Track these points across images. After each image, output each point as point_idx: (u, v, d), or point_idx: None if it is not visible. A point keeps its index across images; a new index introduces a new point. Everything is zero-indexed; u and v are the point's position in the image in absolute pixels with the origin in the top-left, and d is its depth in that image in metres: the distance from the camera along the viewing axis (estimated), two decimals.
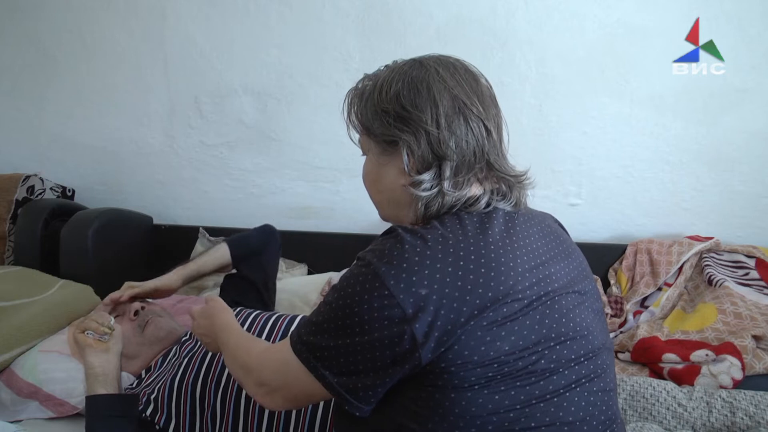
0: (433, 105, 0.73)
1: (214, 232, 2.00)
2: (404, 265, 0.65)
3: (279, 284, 1.71)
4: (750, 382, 1.25)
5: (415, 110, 0.73)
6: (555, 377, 0.67)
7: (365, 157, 0.83)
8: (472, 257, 0.67)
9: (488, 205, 0.74)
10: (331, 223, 2.00)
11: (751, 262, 1.60)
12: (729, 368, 1.25)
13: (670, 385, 1.17)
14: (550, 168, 1.79)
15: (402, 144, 0.74)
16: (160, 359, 1.20)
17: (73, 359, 1.26)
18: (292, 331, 0.74)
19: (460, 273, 0.65)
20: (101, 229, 1.79)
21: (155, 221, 2.06)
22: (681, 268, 1.66)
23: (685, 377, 1.27)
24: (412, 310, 0.63)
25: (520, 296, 0.67)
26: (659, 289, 1.66)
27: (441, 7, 1.75)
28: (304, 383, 0.71)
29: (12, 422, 1.19)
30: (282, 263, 1.90)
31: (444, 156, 0.72)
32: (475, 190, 0.75)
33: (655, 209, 1.81)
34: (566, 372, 0.68)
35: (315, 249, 1.95)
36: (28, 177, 1.95)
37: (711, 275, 1.60)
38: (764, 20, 1.61)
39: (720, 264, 1.65)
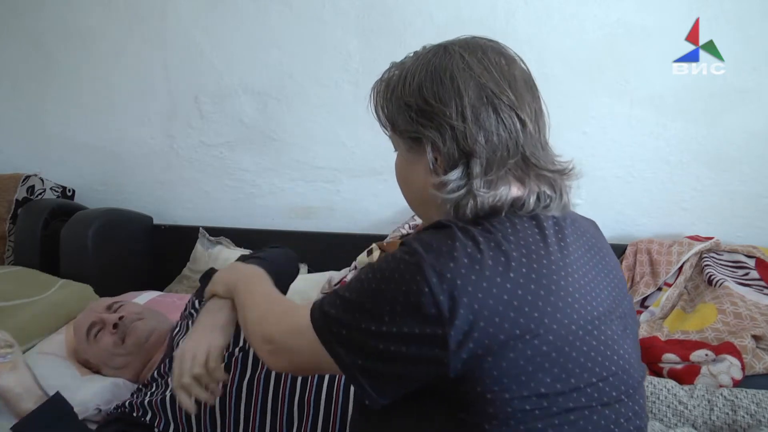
0: (458, 96, 0.66)
1: (214, 232, 2.00)
2: (451, 265, 0.59)
3: None
4: (750, 381, 1.25)
5: (438, 103, 0.66)
6: (595, 417, 0.61)
7: (396, 152, 0.77)
8: (523, 270, 0.61)
9: (534, 209, 0.67)
10: (331, 223, 2.00)
11: (751, 262, 1.60)
12: (729, 368, 1.25)
13: (671, 383, 1.16)
14: None
15: (426, 141, 0.68)
16: (167, 363, 1.15)
17: (69, 363, 1.27)
18: (315, 300, 0.70)
19: (509, 286, 0.59)
20: (101, 229, 1.79)
21: (155, 221, 2.07)
22: (681, 268, 1.66)
23: (684, 377, 1.26)
24: (449, 314, 0.57)
25: (566, 321, 0.61)
26: (659, 289, 1.66)
27: (441, 7, 1.75)
28: (314, 353, 0.66)
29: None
30: None
31: (472, 152, 0.65)
32: (515, 191, 0.68)
33: (655, 209, 1.81)
34: (606, 412, 0.62)
35: (315, 249, 1.95)
36: (28, 177, 1.95)
37: (711, 275, 1.60)
38: (764, 20, 1.61)
39: (720, 264, 1.65)
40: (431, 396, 0.62)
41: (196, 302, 1.24)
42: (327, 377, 1.00)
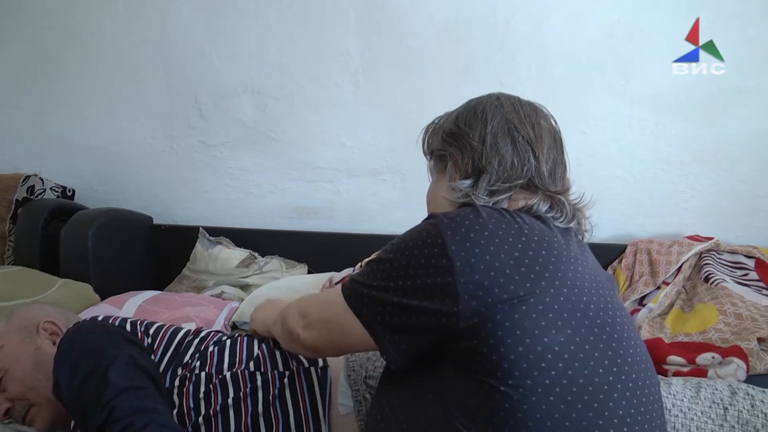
0: (483, 124, 0.78)
1: (214, 232, 2.00)
2: (466, 222, 0.66)
3: (279, 282, 1.71)
4: (750, 381, 1.25)
5: (466, 127, 0.79)
6: (615, 395, 0.62)
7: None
8: (536, 238, 0.66)
9: (544, 214, 0.74)
10: (331, 223, 2.00)
11: (751, 263, 1.60)
12: (735, 371, 1.24)
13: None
14: None
15: (450, 157, 0.81)
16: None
17: None
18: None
19: (520, 246, 0.64)
20: (101, 229, 1.78)
21: (155, 221, 2.06)
22: (680, 267, 1.66)
23: None
24: (460, 264, 0.62)
25: (576, 290, 0.65)
26: (658, 288, 1.66)
27: (441, 7, 1.75)
28: (342, 320, 0.72)
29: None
30: (282, 263, 1.91)
31: (483, 170, 0.76)
32: (523, 201, 0.75)
33: (655, 209, 1.81)
34: (628, 394, 0.64)
35: (315, 249, 1.95)
36: (28, 177, 1.95)
37: (709, 273, 1.60)
38: (764, 20, 1.61)
39: (720, 264, 1.65)
40: (448, 360, 0.65)
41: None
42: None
